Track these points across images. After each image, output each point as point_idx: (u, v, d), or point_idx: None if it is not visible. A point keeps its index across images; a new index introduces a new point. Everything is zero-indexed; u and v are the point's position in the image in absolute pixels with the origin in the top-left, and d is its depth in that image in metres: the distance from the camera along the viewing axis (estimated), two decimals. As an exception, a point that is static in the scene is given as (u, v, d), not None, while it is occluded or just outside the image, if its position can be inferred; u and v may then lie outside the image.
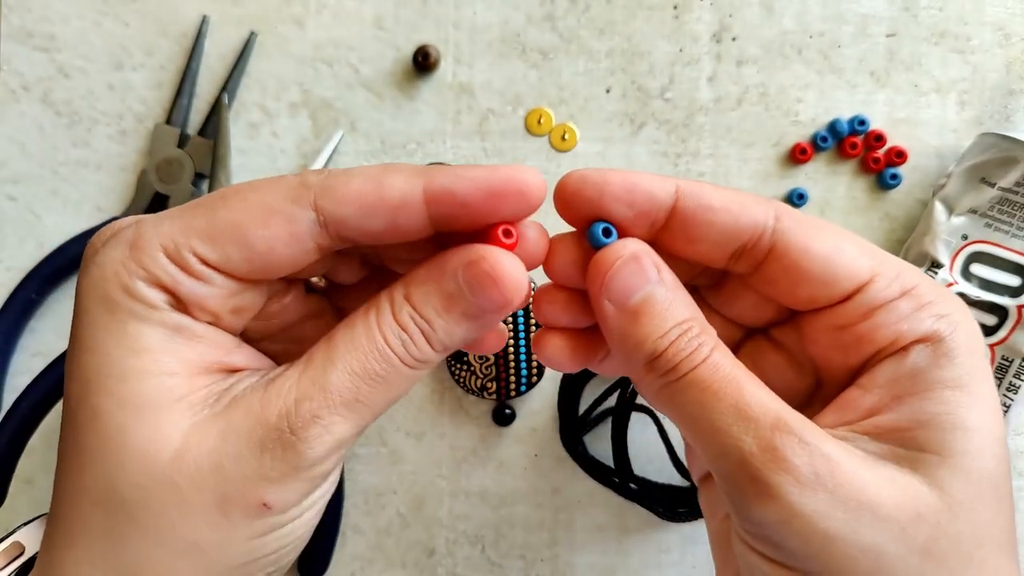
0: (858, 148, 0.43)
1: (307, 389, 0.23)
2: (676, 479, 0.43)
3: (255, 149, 0.44)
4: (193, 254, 0.23)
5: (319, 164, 0.42)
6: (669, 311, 0.24)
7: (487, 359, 0.42)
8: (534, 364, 0.43)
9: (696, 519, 0.43)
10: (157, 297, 0.23)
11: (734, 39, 0.44)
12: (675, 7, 0.44)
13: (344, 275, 0.28)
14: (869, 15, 0.43)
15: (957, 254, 0.41)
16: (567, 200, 0.25)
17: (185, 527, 0.23)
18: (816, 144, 0.43)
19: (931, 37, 0.44)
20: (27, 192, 0.43)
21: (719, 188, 0.25)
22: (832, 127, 0.43)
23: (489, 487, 0.44)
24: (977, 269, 0.41)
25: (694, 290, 0.29)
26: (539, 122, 0.43)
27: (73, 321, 0.24)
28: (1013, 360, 0.40)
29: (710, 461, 0.24)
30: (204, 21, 0.43)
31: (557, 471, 0.44)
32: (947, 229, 0.41)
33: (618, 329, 0.25)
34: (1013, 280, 0.40)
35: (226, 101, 0.42)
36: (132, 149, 0.44)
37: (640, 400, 0.43)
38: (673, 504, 0.42)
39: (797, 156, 0.43)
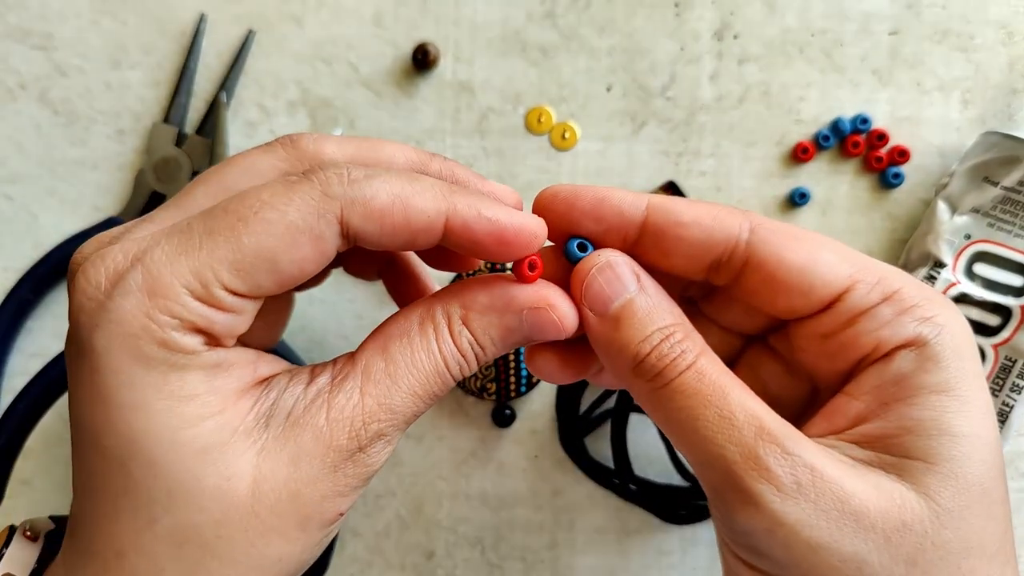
0: (860, 147, 0.43)
1: (373, 410, 0.24)
2: (676, 480, 0.43)
3: (253, 148, 0.43)
4: (224, 289, 0.22)
5: (318, 163, 0.42)
6: (650, 316, 0.25)
7: (487, 359, 0.42)
8: (534, 364, 0.42)
9: (696, 521, 0.42)
10: (193, 342, 0.23)
11: (736, 37, 0.43)
12: (676, 4, 0.43)
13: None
14: (872, 13, 0.43)
15: (960, 254, 0.40)
16: (542, 215, 0.26)
17: (268, 548, 0.24)
18: (818, 143, 0.43)
19: (934, 35, 0.43)
20: (24, 191, 0.43)
21: (692, 203, 0.26)
22: (835, 126, 0.43)
23: (489, 489, 0.44)
24: (980, 269, 0.40)
25: (690, 302, 0.30)
26: (539, 120, 0.43)
27: (91, 378, 0.22)
28: (1016, 360, 0.40)
29: (696, 468, 0.25)
30: (202, 19, 0.43)
31: (557, 473, 0.44)
32: (950, 228, 0.40)
33: (601, 336, 0.25)
34: (1016, 280, 0.40)
35: (224, 100, 0.42)
36: (130, 148, 0.43)
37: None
38: (673, 505, 0.42)
39: (799, 155, 0.43)
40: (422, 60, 0.42)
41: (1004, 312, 0.40)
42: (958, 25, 0.43)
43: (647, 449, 0.43)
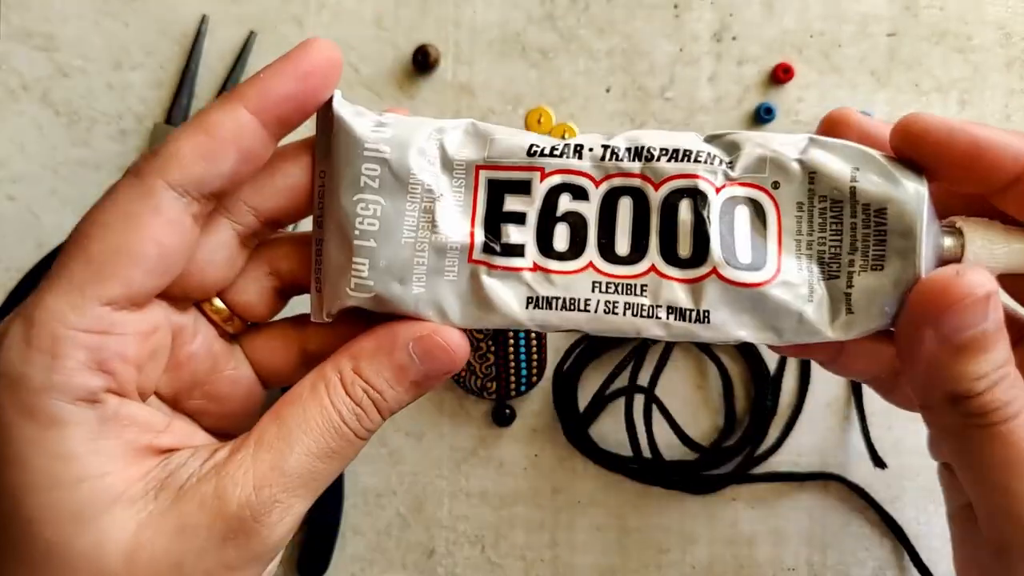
0: (859, 147, 0.43)
1: (265, 474, 0.23)
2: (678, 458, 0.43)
3: (255, 149, 0.44)
4: (100, 305, 0.22)
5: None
6: (994, 354, 0.23)
7: (487, 359, 0.42)
8: (534, 363, 0.43)
9: (715, 491, 0.43)
10: (87, 383, 0.22)
11: (734, 38, 0.44)
12: (675, 6, 0.43)
13: (251, 295, 0.28)
14: (870, 14, 0.43)
15: None
16: (897, 143, 0.25)
17: None
18: (817, 143, 0.43)
19: (932, 36, 0.44)
20: (26, 192, 0.43)
21: None
22: (833, 126, 0.43)
23: (489, 487, 0.44)
24: None
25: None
26: (539, 121, 0.43)
27: None
28: None
29: (987, 516, 0.24)
30: (204, 20, 0.43)
31: (557, 471, 0.44)
32: None
33: (932, 359, 0.23)
34: None
35: (226, 101, 0.42)
36: (131, 148, 0.44)
37: (639, 382, 0.43)
38: (690, 478, 0.43)
39: (798, 155, 0.43)
40: (423, 61, 0.42)
41: None
42: (956, 26, 0.44)
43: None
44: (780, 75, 0.43)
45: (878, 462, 0.43)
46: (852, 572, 0.43)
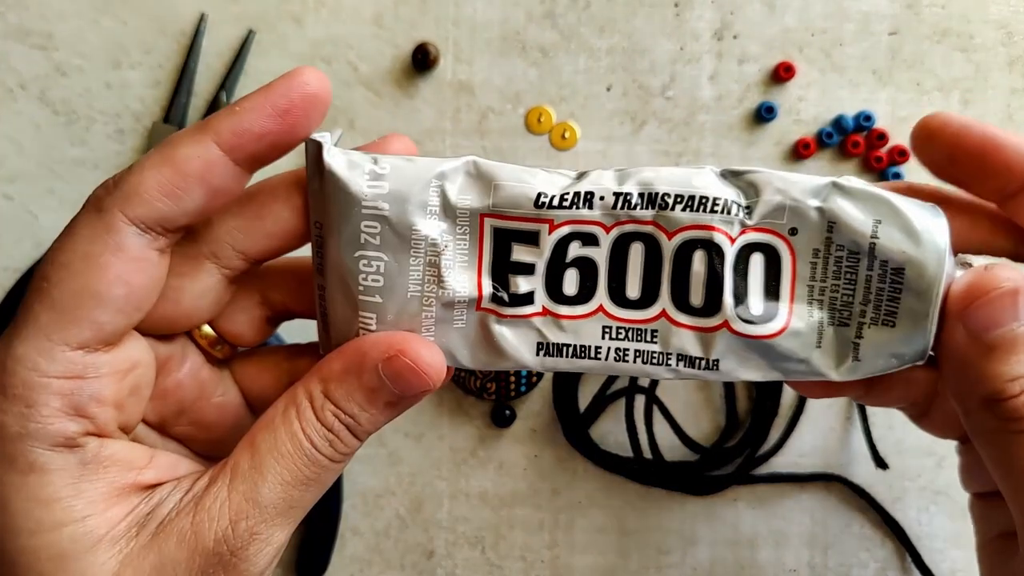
0: (860, 147, 0.43)
1: (240, 506, 0.23)
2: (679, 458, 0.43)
3: (253, 148, 0.43)
4: (67, 347, 0.22)
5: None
6: None
7: (487, 359, 0.42)
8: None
9: (716, 492, 0.42)
10: (66, 428, 0.22)
11: (735, 37, 0.43)
12: (676, 4, 0.43)
13: (240, 324, 0.27)
14: (871, 13, 0.43)
15: None
16: (920, 148, 0.25)
17: None
18: (820, 140, 0.43)
19: (934, 35, 0.43)
20: (24, 191, 0.43)
21: None
22: (837, 123, 0.43)
23: (489, 488, 0.44)
24: None
25: None
26: (539, 120, 0.43)
27: None
28: None
29: (1021, 516, 0.23)
30: (202, 19, 0.43)
31: (557, 472, 0.44)
32: None
33: (965, 357, 0.23)
34: None
35: (224, 99, 0.42)
36: (129, 148, 0.43)
37: (639, 383, 0.43)
38: (691, 479, 0.43)
39: (800, 151, 0.43)
40: (422, 60, 0.42)
41: None
42: (958, 25, 0.43)
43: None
44: (781, 74, 0.43)
45: (880, 463, 0.42)
46: (854, 573, 0.43)
